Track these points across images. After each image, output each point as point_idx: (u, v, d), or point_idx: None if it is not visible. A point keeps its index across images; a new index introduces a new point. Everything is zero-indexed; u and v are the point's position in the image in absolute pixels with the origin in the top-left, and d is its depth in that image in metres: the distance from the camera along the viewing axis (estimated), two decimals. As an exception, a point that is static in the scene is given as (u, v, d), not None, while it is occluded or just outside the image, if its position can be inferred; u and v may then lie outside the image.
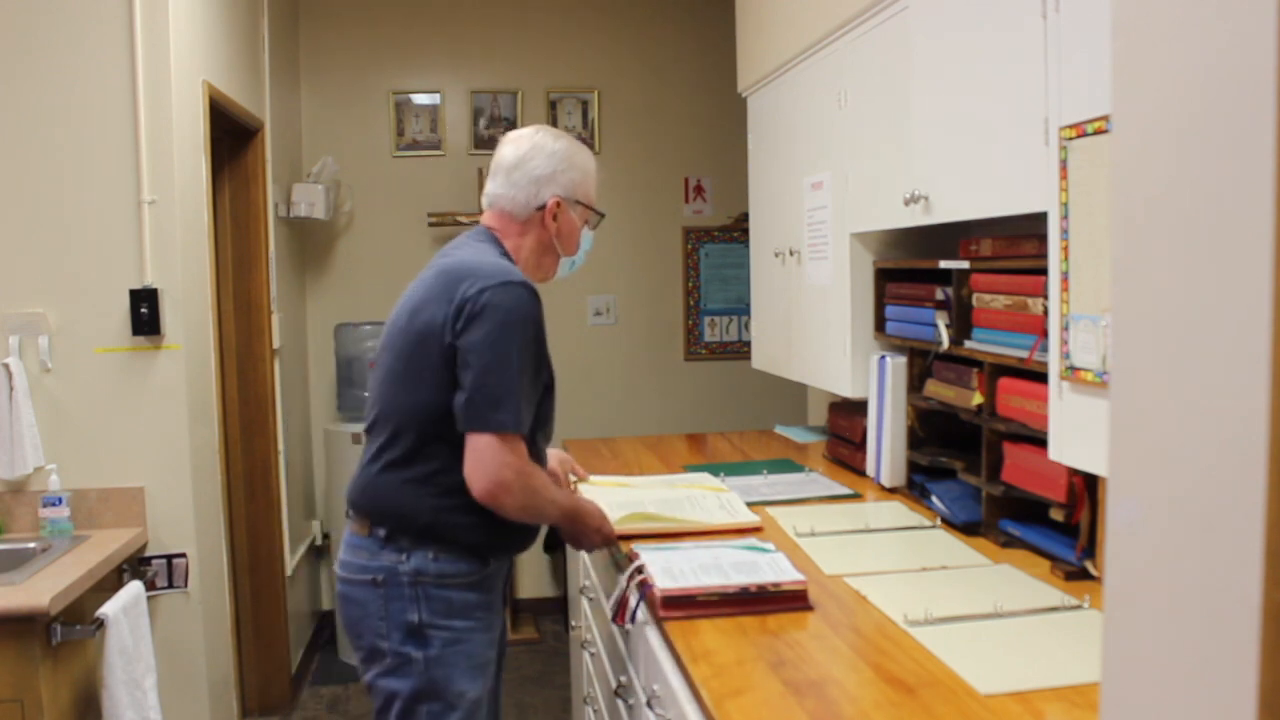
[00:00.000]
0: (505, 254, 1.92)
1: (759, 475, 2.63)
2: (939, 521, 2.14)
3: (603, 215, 2.07)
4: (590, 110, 4.74)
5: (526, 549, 2.04)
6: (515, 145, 1.97)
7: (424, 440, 1.82)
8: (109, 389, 2.74)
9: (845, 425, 2.77)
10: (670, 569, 1.75)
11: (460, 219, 4.59)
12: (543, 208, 1.95)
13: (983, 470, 2.01)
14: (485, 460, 1.75)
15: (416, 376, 1.82)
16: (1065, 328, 1.56)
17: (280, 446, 3.79)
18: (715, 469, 2.72)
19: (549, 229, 1.96)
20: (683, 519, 2.14)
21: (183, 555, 2.80)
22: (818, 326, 2.78)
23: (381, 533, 1.85)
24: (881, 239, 2.51)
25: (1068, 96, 1.55)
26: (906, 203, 2.09)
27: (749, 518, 2.17)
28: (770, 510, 2.29)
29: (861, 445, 2.60)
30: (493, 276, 1.79)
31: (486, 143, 4.72)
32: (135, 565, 2.73)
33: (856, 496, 2.41)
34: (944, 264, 2.14)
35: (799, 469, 2.73)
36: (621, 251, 4.75)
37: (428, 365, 1.80)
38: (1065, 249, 1.56)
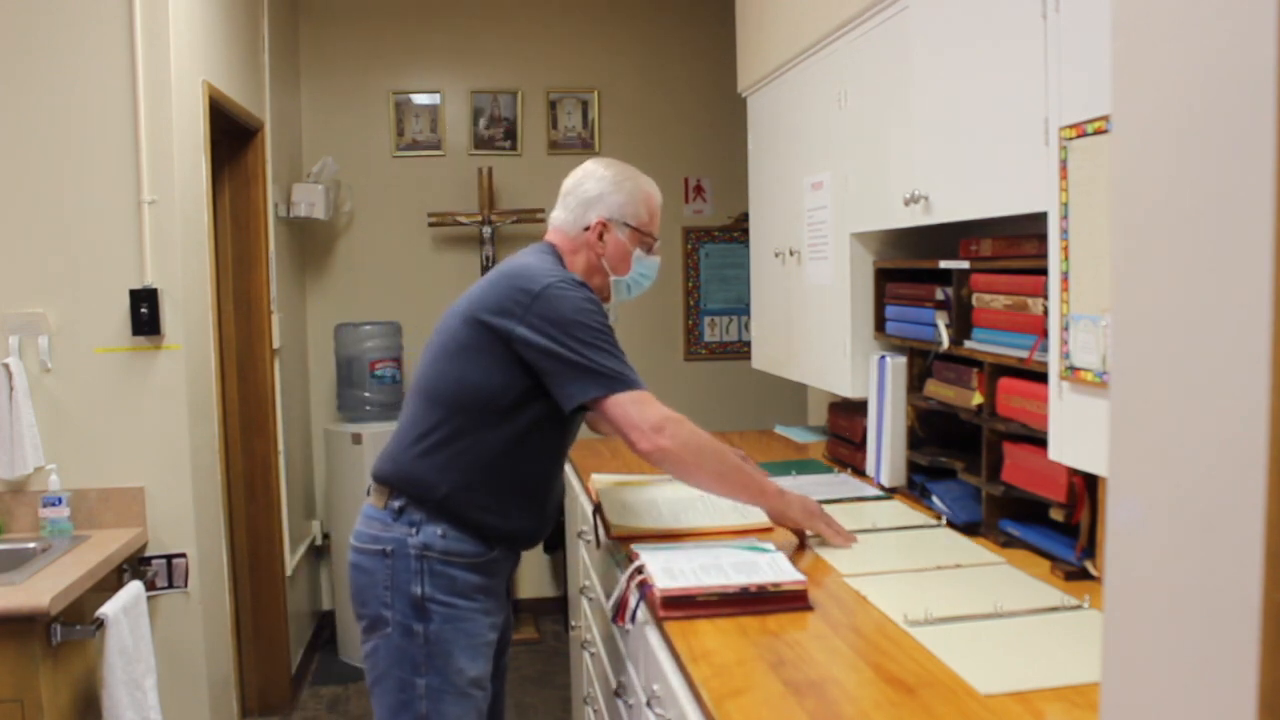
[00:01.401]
0: (564, 268, 2.03)
1: (788, 476, 2.62)
2: (943, 521, 2.14)
3: (654, 238, 2.13)
4: (590, 110, 4.74)
5: (534, 543, 2.07)
6: (573, 174, 2.14)
7: (458, 417, 1.91)
8: (109, 389, 2.74)
9: (845, 425, 2.77)
10: (670, 569, 1.75)
11: (460, 219, 4.59)
12: (589, 228, 2.07)
13: (983, 470, 2.01)
14: (631, 418, 1.85)
15: (465, 357, 1.92)
16: (1065, 328, 1.56)
17: (280, 446, 3.79)
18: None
19: (596, 249, 2.07)
20: (685, 526, 2.13)
21: (183, 555, 2.80)
22: (818, 326, 2.78)
23: (397, 505, 1.93)
24: (881, 239, 2.51)
25: (1068, 96, 1.55)
26: (906, 203, 2.09)
27: (760, 518, 2.18)
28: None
29: (861, 445, 2.60)
30: (548, 276, 1.91)
31: (486, 143, 4.72)
32: (135, 565, 2.73)
33: (887, 497, 2.39)
34: (944, 264, 2.14)
35: (827, 470, 2.72)
36: (621, 251, 4.75)
37: (480, 348, 1.90)
38: (1065, 249, 1.56)
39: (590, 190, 2.09)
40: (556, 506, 2.12)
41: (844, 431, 2.78)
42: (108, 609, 2.39)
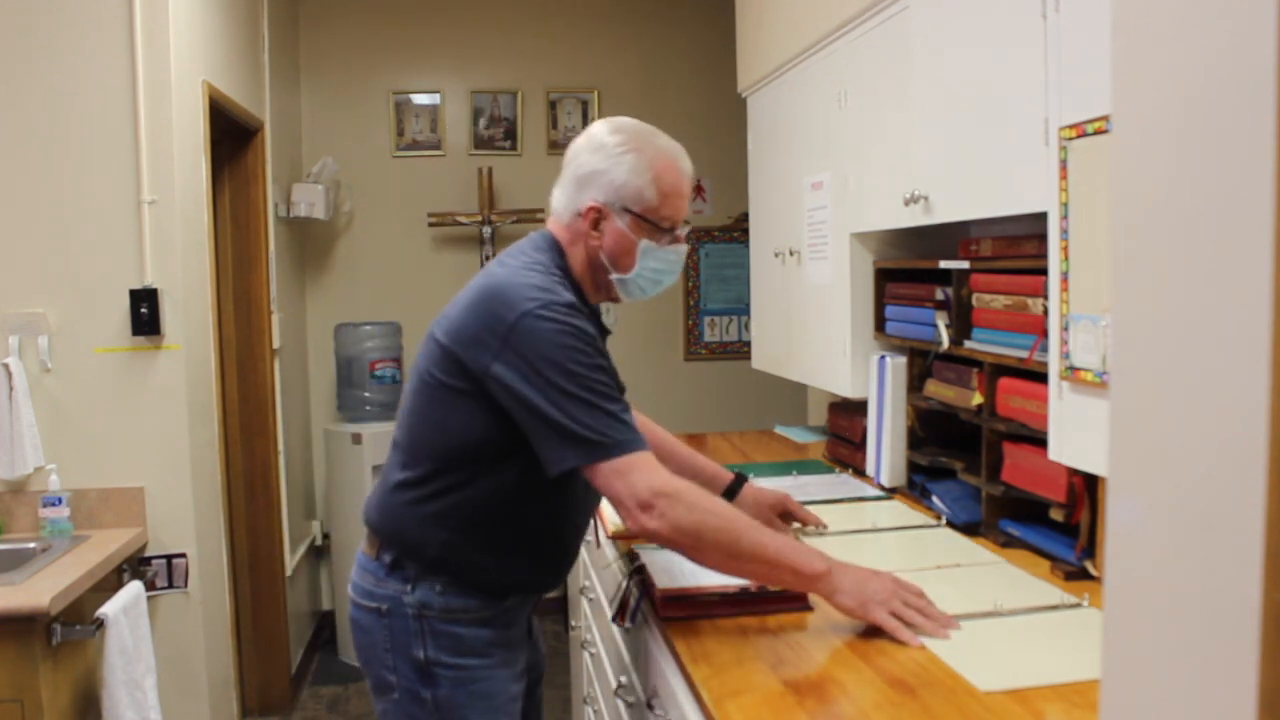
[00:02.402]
0: (562, 265, 1.69)
1: (788, 476, 2.63)
2: (943, 521, 2.14)
3: (671, 224, 1.69)
4: (590, 110, 4.74)
5: (553, 589, 1.81)
6: (576, 140, 1.74)
7: (441, 469, 1.65)
8: (109, 389, 2.74)
9: (845, 425, 2.77)
10: (670, 569, 1.74)
11: (460, 219, 4.59)
12: (582, 214, 1.67)
13: (983, 470, 2.00)
14: (618, 490, 1.52)
15: (442, 398, 1.62)
16: (1065, 328, 1.56)
17: (280, 446, 3.79)
18: (745, 469, 2.71)
19: (592, 241, 1.68)
20: None
21: (183, 555, 2.80)
22: (818, 326, 2.78)
23: (388, 558, 1.68)
24: (881, 239, 2.51)
25: (1068, 96, 1.55)
26: (906, 203, 2.09)
27: None
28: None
29: (861, 445, 2.60)
30: (528, 299, 1.56)
31: (486, 143, 4.72)
32: (135, 565, 2.73)
33: (887, 497, 2.39)
34: (944, 264, 2.14)
35: (827, 470, 2.72)
36: (621, 251, 4.76)
37: (457, 389, 1.60)
38: (1065, 249, 1.56)
39: (585, 164, 1.67)
40: (576, 548, 1.82)
41: (844, 431, 2.78)
42: (108, 609, 2.39)
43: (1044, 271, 1.67)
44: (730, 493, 2.04)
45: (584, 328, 1.56)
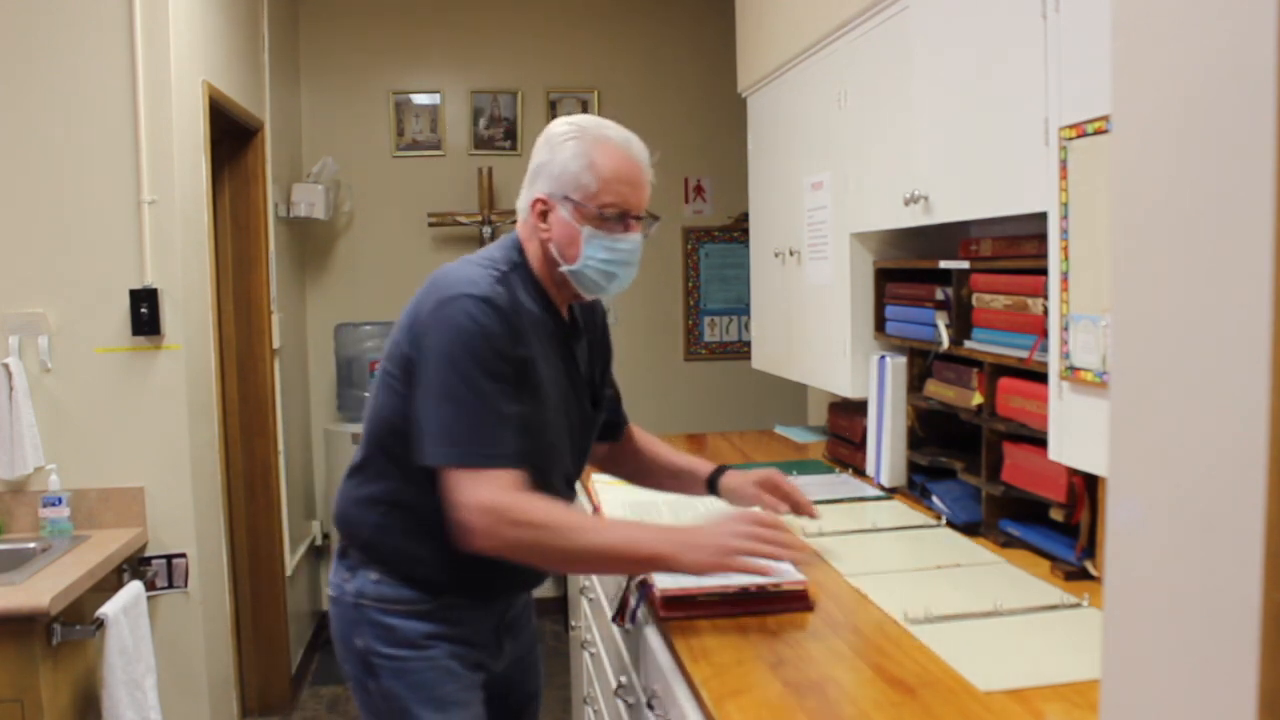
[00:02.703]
0: (520, 263, 1.68)
1: (788, 476, 2.62)
2: (943, 521, 2.14)
3: (613, 210, 1.64)
4: (590, 110, 4.74)
5: (499, 595, 1.74)
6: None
7: (380, 453, 1.66)
8: (109, 389, 2.74)
9: (845, 425, 2.77)
10: (670, 569, 1.74)
11: (460, 219, 4.59)
12: (532, 208, 1.68)
13: (983, 470, 2.01)
14: (452, 500, 1.52)
15: (386, 381, 1.64)
16: (1065, 328, 1.56)
17: (280, 446, 3.79)
18: (745, 469, 2.71)
19: (541, 234, 1.67)
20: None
21: (183, 555, 2.80)
22: (818, 326, 2.78)
23: (340, 547, 1.73)
24: (881, 239, 2.51)
25: (1068, 96, 1.55)
26: (906, 203, 2.09)
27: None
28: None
29: (861, 445, 2.60)
30: (450, 288, 1.57)
31: (486, 143, 4.72)
32: (135, 565, 2.73)
33: (887, 497, 2.39)
34: (944, 264, 2.14)
35: (827, 470, 2.72)
36: (621, 251, 4.76)
37: (397, 373, 1.61)
38: (1065, 249, 1.56)
39: (534, 158, 1.68)
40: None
41: (844, 431, 2.78)
42: (108, 609, 2.39)
43: (1044, 271, 1.67)
44: (711, 483, 1.99)
45: (492, 326, 1.53)
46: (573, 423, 1.73)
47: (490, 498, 1.49)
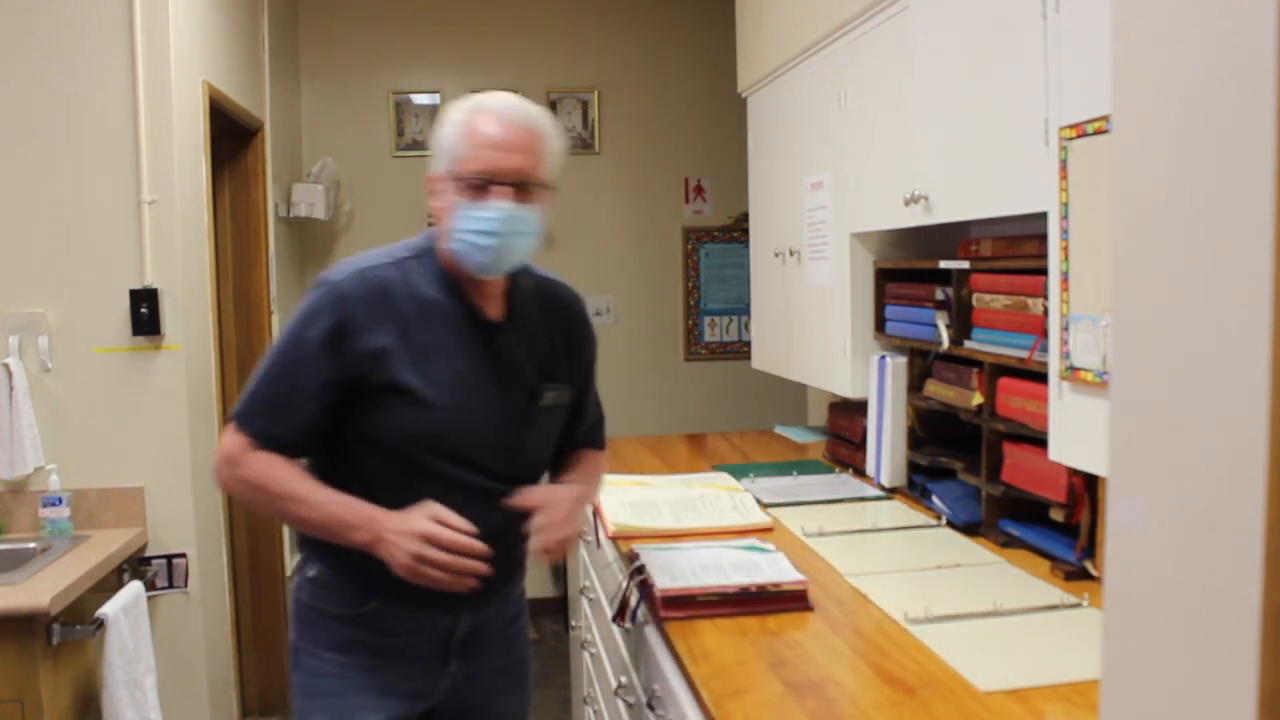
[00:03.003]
0: (431, 249, 1.65)
1: (789, 476, 2.63)
2: (943, 521, 2.14)
3: (475, 176, 1.52)
4: (590, 110, 4.74)
5: (460, 603, 1.63)
6: None
7: (309, 439, 1.64)
8: (109, 389, 2.74)
9: (845, 425, 2.77)
10: (671, 569, 1.75)
11: (460, 219, 4.59)
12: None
13: (983, 470, 2.01)
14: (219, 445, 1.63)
15: None
16: (1065, 328, 1.56)
17: (280, 446, 3.79)
18: (745, 469, 2.72)
19: (437, 212, 1.61)
20: (685, 526, 2.13)
21: (183, 555, 2.80)
22: (818, 326, 2.78)
23: (299, 539, 1.73)
24: (881, 239, 2.51)
25: (1068, 96, 1.55)
26: (906, 203, 2.09)
27: (760, 519, 2.18)
28: (785, 510, 2.29)
29: (861, 445, 2.60)
30: (350, 265, 1.60)
31: (486, 143, 4.72)
32: (135, 565, 2.72)
33: (887, 497, 2.39)
34: (944, 264, 2.14)
35: (828, 470, 2.73)
36: (621, 251, 4.76)
37: None
38: (1065, 249, 1.56)
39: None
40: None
41: (844, 431, 2.78)
42: (108, 609, 2.39)
43: (1044, 271, 1.67)
44: None
45: (322, 313, 1.53)
46: (493, 414, 1.61)
47: (229, 448, 1.58)
